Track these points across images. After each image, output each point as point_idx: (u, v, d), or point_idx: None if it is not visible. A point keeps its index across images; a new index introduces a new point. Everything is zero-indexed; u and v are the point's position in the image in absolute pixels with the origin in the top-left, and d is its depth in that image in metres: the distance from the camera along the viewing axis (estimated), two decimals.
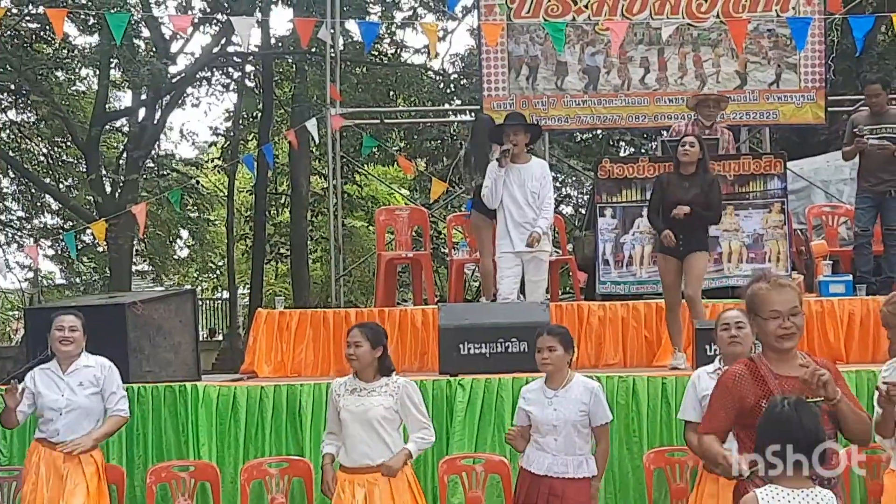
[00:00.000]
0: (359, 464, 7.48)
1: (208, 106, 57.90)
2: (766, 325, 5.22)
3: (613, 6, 15.16)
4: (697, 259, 10.31)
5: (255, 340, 11.59)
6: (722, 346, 7.36)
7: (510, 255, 11.28)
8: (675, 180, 10.43)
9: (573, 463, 7.33)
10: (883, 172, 12.33)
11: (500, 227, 11.42)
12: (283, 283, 35.94)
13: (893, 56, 22.15)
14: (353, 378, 7.66)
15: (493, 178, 11.29)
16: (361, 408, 7.47)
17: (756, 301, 5.29)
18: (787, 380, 5.19)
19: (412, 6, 29.66)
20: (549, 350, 7.43)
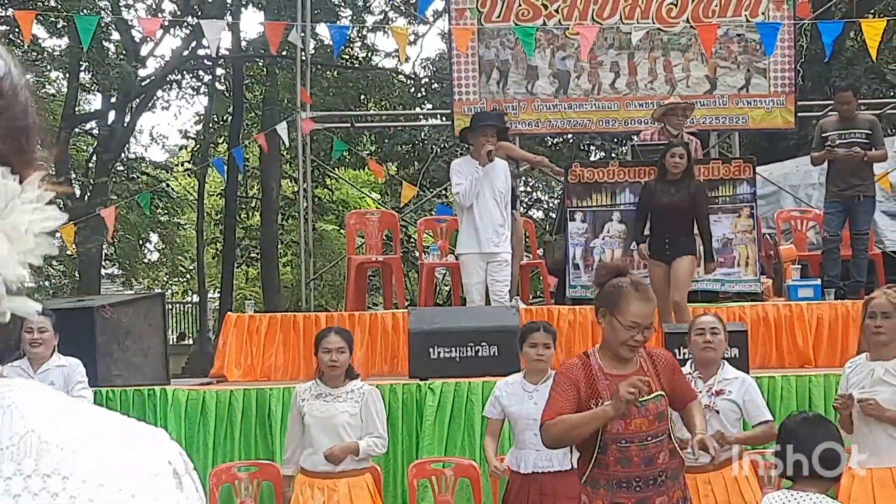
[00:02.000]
0: (319, 469, 7.49)
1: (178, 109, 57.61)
2: (620, 330, 5.28)
3: (584, 11, 15.17)
4: (683, 264, 10.35)
5: (225, 344, 11.55)
6: (695, 351, 7.40)
7: (474, 257, 11.25)
8: (662, 186, 10.50)
9: (557, 455, 7.31)
10: (851, 177, 12.39)
11: (468, 226, 11.38)
12: (254, 287, 35.89)
13: (862, 61, 22.25)
14: (318, 383, 7.65)
15: (472, 177, 11.21)
16: (326, 413, 7.46)
17: (619, 301, 5.32)
18: (616, 379, 5.27)
19: (383, 10, 29.71)
20: (544, 347, 7.43)
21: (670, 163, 10.41)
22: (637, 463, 5.23)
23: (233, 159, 20.48)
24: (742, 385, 7.26)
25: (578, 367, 5.36)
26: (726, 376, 7.30)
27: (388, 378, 10.52)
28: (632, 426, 5.23)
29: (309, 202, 17.37)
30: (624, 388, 5.05)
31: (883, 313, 6.69)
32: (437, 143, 26.90)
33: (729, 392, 7.18)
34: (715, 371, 7.29)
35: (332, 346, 7.54)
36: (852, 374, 6.85)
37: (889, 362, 6.72)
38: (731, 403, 7.13)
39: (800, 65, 15.80)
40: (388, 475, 9.19)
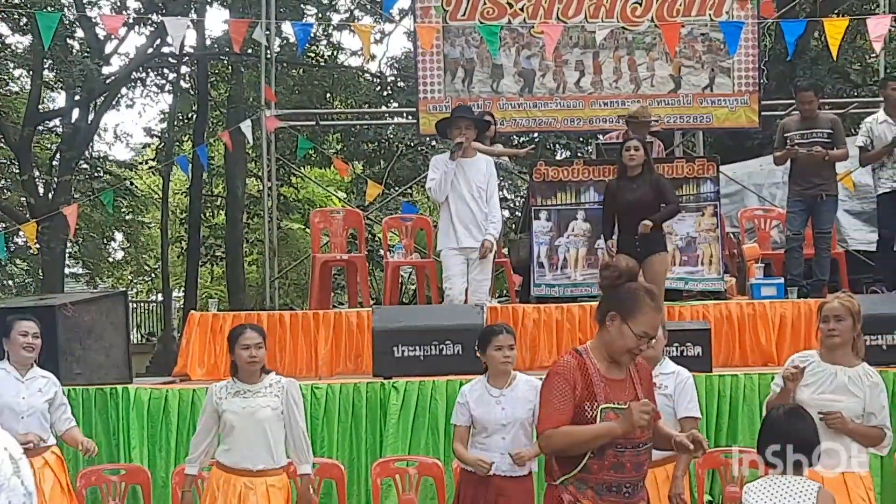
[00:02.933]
0: (239, 466, 7.46)
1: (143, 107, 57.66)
2: (630, 337, 5.23)
3: (549, 9, 15.19)
4: (658, 262, 10.35)
5: (188, 343, 11.50)
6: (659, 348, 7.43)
7: (454, 251, 11.19)
8: (623, 184, 10.50)
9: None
10: (814, 176, 12.44)
11: (444, 222, 11.33)
12: (219, 286, 35.78)
13: (826, 61, 22.36)
14: (233, 381, 7.61)
15: (444, 170, 11.13)
16: (248, 409, 7.43)
17: (634, 308, 5.27)
18: (610, 383, 5.29)
19: (349, 8, 29.67)
20: (509, 349, 7.41)
21: (626, 157, 10.42)
22: (629, 469, 5.26)
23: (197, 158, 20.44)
24: (677, 378, 7.31)
25: (574, 367, 5.29)
26: (664, 371, 7.34)
27: (353, 377, 10.52)
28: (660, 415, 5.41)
29: (274, 201, 17.34)
30: (638, 413, 5.09)
31: (836, 317, 6.80)
32: (403, 141, 26.90)
33: (665, 386, 7.21)
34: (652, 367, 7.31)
35: (251, 342, 7.52)
36: (807, 371, 6.87)
37: (852, 370, 6.78)
38: (665, 398, 7.14)
39: (764, 64, 15.86)
40: (351, 474, 9.19)
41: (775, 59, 21.14)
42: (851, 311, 6.80)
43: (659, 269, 10.34)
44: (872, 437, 6.78)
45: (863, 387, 6.74)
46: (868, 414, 6.73)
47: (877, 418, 6.75)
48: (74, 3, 25.37)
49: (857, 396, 6.72)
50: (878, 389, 6.79)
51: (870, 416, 6.73)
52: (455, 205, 11.15)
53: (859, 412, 6.72)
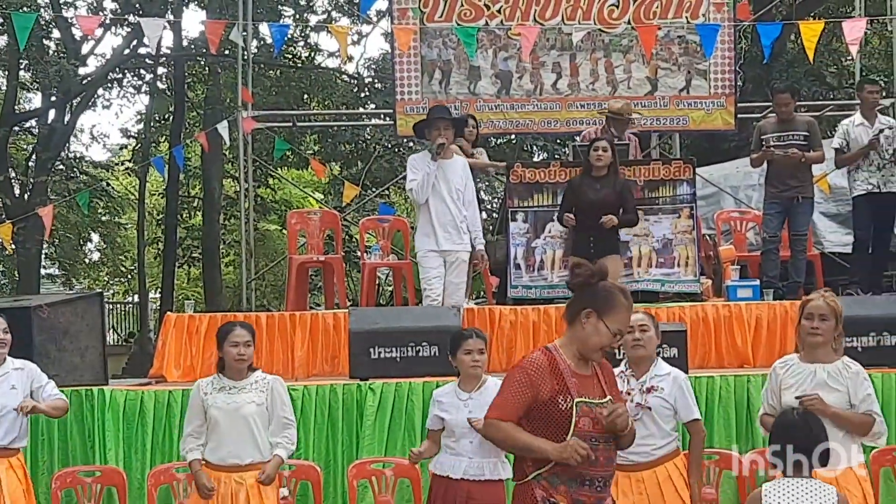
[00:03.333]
0: (226, 462, 7.47)
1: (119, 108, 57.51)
2: (605, 334, 5.33)
3: (526, 11, 15.21)
4: (611, 264, 10.30)
5: (164, 345, 11.45)
6: (626, 349, 7.42)
7: (434, 253, 11.17)
8: (587, 182, 10.47)
9: (489, 465, 7.29)
10: (790, 178, 12.47)
11: (424, 224, 11.30)
12: (196, 287, 35.72)
13: (802, 64, 22.44)
14: (219, 377, 7.63)
15: (426, 171, 11.05)
16: (234, 405, 7.45)
17: (610, 307, 5.38)
18: (580, 378, 5.35)
19: (326, 9, 29.66)
20: (479, 353, 7.41)
21: (593, 157, 10.41)
22: (602, 462, 5.30)
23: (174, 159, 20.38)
24: (675, 382, 7.30)
25: (543, 364, 5.32)
26: (658, 373, 7.31)
27: (329, 378, 10.49)
28: (598, 426, 5.30)
29: (250, 202, 17.32)
30: (571, 451, 5.14)
31: (820, 315, 6.80)
32: (380, 142, 26.89)
33: (661, 389, 7.20)
34: (647, 368, 7.31)
35: (241, 339, 7.55)
36: (788, 374, 6.90)
37: (830, 365, 6.79)
38: (662, 401, 7.16)
39: (740, 66, 15.93)
40: (328, 475, 9.17)
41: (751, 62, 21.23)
42: (836, 312, 6.82)
43: (613, 272, 10.30)
44: (860, 424, 6.76)
45: (843, 380, 6.75)
46: (854, 406, 6.73)
47: (865, 405, 6.74)
48: (50, 4, 25.29)
49: (839, 390, 6.72)
50: (860, 378, 6.78)
51: (857, 407, 6.73)
52: (435, 206, 11.11)
53: (845, 406, 6.72)
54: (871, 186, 12.48)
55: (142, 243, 31.94)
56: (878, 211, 12.62)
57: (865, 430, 6.78)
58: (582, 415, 5.26)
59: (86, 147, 35.07)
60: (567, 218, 10.78)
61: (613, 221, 10.23)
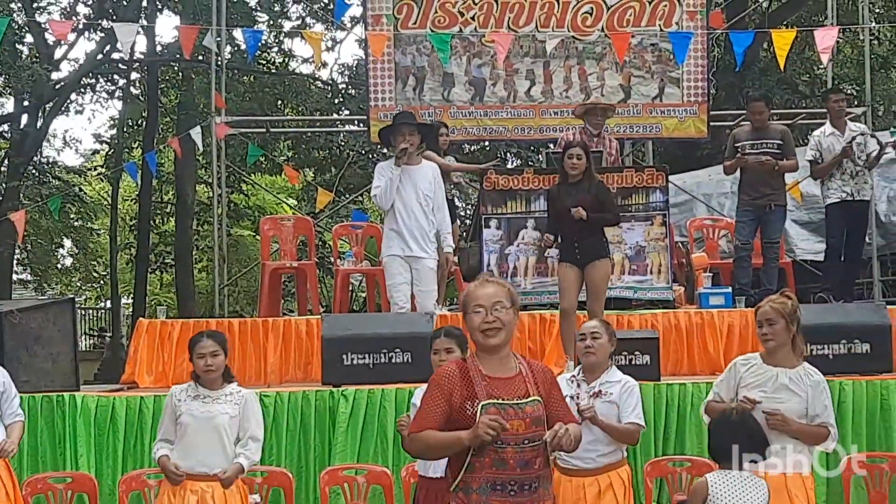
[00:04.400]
0: (195, 470, 7.45)
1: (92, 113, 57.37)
2: (471, 320, 5.25)
3: (500, 18, 15.23)
4: (599, 269, 10.24)
5: (136, 350, 11.44)
6: (580, 355, 7.51)
7: (399, 259, 11.17)
8: (564, 190, 10.45)
9: None
10: (763, 186, 12.53)
11: (390, 230, 11.30)
12: (168, 293, 35.63)
13: (775, 72, 22.53)
14: (194, 385, 7.62)
15: (389, 177, 11.08)
16: (207, 414, 7.45)
17: (465, 299, 5.35)
18: (495, 381, 5.22)
19: (300, 15, 29.63)
20: (446, 352, 7.39)
21: (568, 164, 10.37)
22: (513, 466, 5.12)
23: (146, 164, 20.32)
24: (624, 387, 7.35)
25: (454, 372, 5.28)
26: (610, 379, 7.39)
27: (302, 384, 10.48)
28: (509, 428, 5.11)
29: (223, 208, 17.28)
30: (484, 427, 5.02)
31: (768, 320, 6.88)
32: (354, 149, 26.88)
33: (609, 394, 7.27)
34: (599, 374, 7.38)
35: (206, 350, 7.52)
36: (749, 373, 6.95)
37: (792, 371, 6.83)
38: (610, 405, 7.24)
39: (712, 74, 15.99)
40: (300, 482, 9.16)
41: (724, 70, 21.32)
42: (783, 313, 6.85)
43: (598, 274, 10.27)
44: (818, 436, 6.83)
45: (804, 386, 6.80)
46: (812, 416, 6.78)
47: (821, 417, 6.80)
48: (23, 8, 25.19)
49: (799, 396, 6.77)
50: (820, 388, 6.83)
51: (814, 417, 6.78)
52: (401, 213, 11.11)
53: (802, 412, 6.77)
54: (844, 194, 12.57)
55: (114, 249, 31.82)
56: (851, 219, 12.70)
57: (820, 440, 6.88)
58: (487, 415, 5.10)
59: (58, 152, 35.01)
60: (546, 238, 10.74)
61: (581, 213, 10.19)
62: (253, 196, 31.78)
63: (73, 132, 70.15)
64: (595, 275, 10.26)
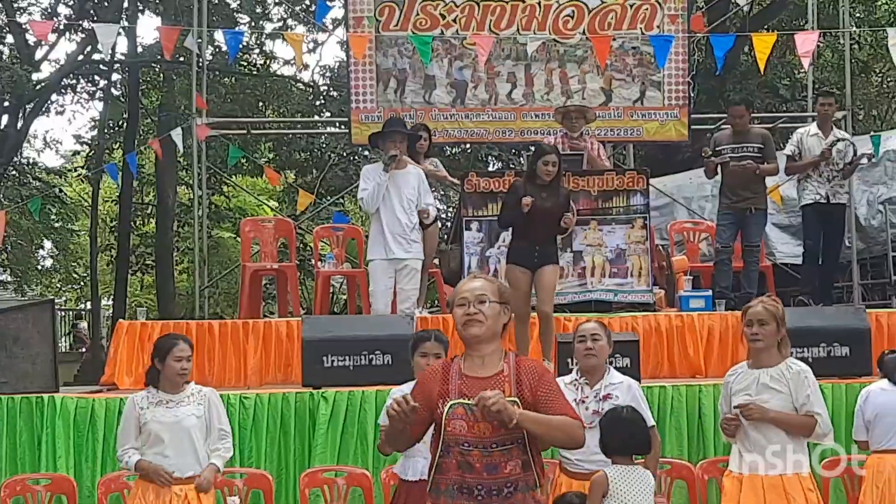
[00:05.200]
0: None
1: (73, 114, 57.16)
2: (455, 313, 5.19)
3: (481, 21, 15.23)
4: (550, 273, 10.27)
5: (116, 352, 11.41)
6: (578, 358, 7.49)
7: (384, 262, 11.19)
8: (532, 189, 10.38)
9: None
10: (744, 190, 12.58)
11: (375, 233, 11.33)
12: (149, 295, 35.55)
13: (755, 76, 22.60)
14: (154, 391, 7.58)
15: (377, 182, 11.13)
16: (174, 418, 7.43)
17: (453, 295, 5.36)
18: (470, 380, 5.11)
19: (282, 17, 29.62)
20: (434, 357, 7.38)
21: (542, 170, 10.32)
22: (479, 469, 4.99)
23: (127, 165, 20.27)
24: (629, 390, 7.36)
25: (437, 370, 5.26)
26: (612, 381, 7.40)
27: (282, 386, 10.48)
28: (475, 430, 5.00)
29: (204, 209, 17.24)
30: (389, 403, 5.05)
31: (759, 321, 6.88)
32: (335, 151, 26.86)
33: (616, 396, 7.27)
34: (601, 376, 7.38)
35: (184, 354, 7.52)
36: (736, 382, 6.99)
37: (773, 369, 6.85)
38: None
39: (693, 78, 16.00)
40: (279, 484, 9.15)
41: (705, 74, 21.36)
42: (775, 316, 6.88)
43: (551, 277, 10.27)
44: (802, 425, 6.81)
45: (785, 381, 6.80)
46: (799, 406, 6.79)
47: (806, 406, 6.78)
48: (4, 9, 25.12)
49: (782, 392, 6.77)
50: (802, 377, 6.81)
51: (802, 407, 6.79)
52: (386, 216, 11.20)
53: (788, 406, 6.77)
54: (818, 197, 12.63)
55: (94, 250, 31.73)
56: (826, 222, 12.75)
57: (808, 430, 6.83)
58: (454, 417, 5.05)
59: (39, 153, 35.02)
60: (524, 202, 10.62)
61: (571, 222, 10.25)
62: (234, 198, 31.75)
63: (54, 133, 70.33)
64: (546, 278, 10.26)
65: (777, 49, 17.88)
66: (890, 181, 17.26)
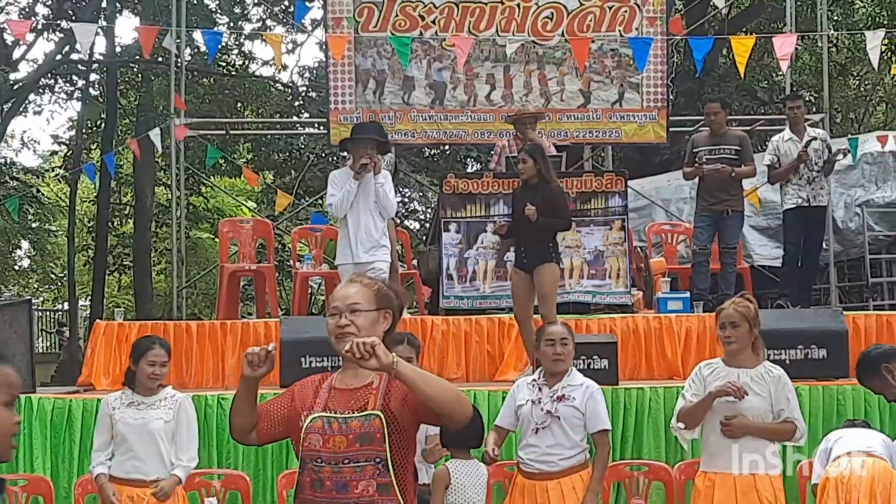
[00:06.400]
0: (132, 476, 7.47)
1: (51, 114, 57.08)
2: (328, 324, 4.76)
3: (460, 22, 15.23)
4: (544, 273, 10.22)
5: (93, 352, 11.38)
6: (545, 361, 7.47)
7: (350, 266, 11.17)
8: (519, 193, 10.47)
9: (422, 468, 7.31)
10: (721, 192, 12.60)
11: (343, 238, 11.31)
12: (126, 295, 35.47)
13: (734, 78, 22.66)
14: (129, 392, 7.62)
15: (346, 189, 11.07)
16: (141, 420, 7.45)
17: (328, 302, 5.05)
18: (339, 392, 4.69)
19: (261, 17, 29.59)
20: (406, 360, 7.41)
21: (519, 168, 10.43)
22: (329, 487, 4.55)
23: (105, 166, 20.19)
24: (587, 391, 7.36)
25: (315, 380, 4.86)
26: (572, 383, 7.40)
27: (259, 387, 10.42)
28: (329, 444, 4.57)
29: (182, 210, 17.20)
30: (246, 353, 4.68)
31: (731, 323, 6.94)
32: (314, 151, 26.84)
33: (572, 398, 7.27)
34: (561, 378, 7.39)
35: (158, 359, 7.54)
36: (713, 377, 7.01)
37: (753, 370, 6.89)
38: (573, 409, 7.24)
39: (672, 80, 16.02)
40: (257, 485, 9.14)
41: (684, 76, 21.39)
42: (747, 317, 6.91)
43: (544, 279, 10.21)
44: (784, 433, 6.91)
45: (766, 384, 6.85)
46: (778, 411, 6.83)
47: (785, 412, 6.85)
48: None
49: (762, 395, 6.82)
50: (782, 382, 6.89)
51: (779, 412, 6.84)
52: (353, 220, 11.14)
53: (767, 409, 6.82)
54: (800, 200, 12.64)
55: (72, 250, 31.63)
56: (807, 225, 12.77)
57: (788, 436, 6.96)
58: (311, 431, 4.62)
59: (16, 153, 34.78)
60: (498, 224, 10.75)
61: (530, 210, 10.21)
62: (212, 198, 31.72)
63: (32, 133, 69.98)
64: (541, 279, 10.24)
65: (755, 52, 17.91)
66: (867, 184, 17.37)
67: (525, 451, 7.37)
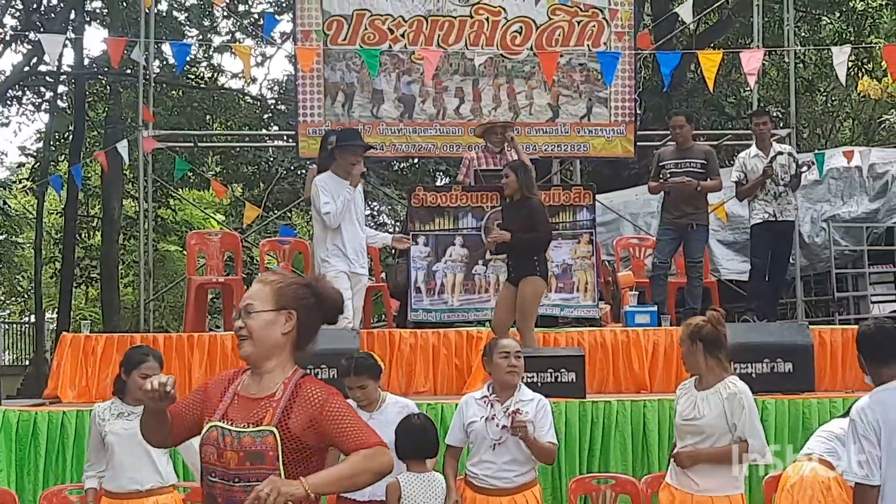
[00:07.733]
0: (126, 489, 7.39)
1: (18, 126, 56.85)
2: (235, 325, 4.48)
3: (430, 36, 15.25)
4: (525, 286, 10.27)
5: (60, 365, 11.31)
6: (498, 374, 7.48)
7: (345, 275, 11.13)
8: (505, 210, 10.58)
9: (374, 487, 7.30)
10: (686, 206, 12.64)
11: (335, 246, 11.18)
12: (94, 308, 35.27)
13: (701, 93, 22.79)
14: (118, 402, 7.56)
15: (344, 198, 11.02)
16: (131, 431, 7.36)
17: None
18: (241, 400, 4.42)
19: (230, 30, 29.57)
20: (359, 389, 7.42)
21: (502, 184, 10.50)
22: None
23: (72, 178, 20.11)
24: (538, 405, 7.39)
25: (223, 378, 4.59)
26: (523, 398, 7.43)
27: None
28: (223, 458, 4.31)
29: (150, 222, 17.13)
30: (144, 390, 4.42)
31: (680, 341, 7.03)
32: (283, 164, 26.81)
33: (526, 413, 7.29)
34: (512, 393, 7.41)
35: (151, 372, 7.40)
36: (681, 400, 7.04)
37: (711, 389, 6.89)
38: (529, 424, 7.23)
39: (640, 95, 16.08)
40: None
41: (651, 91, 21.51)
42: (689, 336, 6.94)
43: (525, 291, 10.28)
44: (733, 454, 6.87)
45: (720, 401, 6.84)
46: (731, 427, 6.83)
47: (738, 429, 6.84)
48: None
49: (717, 411, 6.82)
50: (737, 399, 6.83)
51: (733, 427, 6.83)
52: (347, 230, 11.12)
53: (724, 426, 6.82)
54: (767, 215, 12.69)
55: (39, 262, 31.45)
56: (774, 239, 12.82)
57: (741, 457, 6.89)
58: (207, 441, 4.38)
59: None
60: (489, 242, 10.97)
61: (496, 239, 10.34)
62: (180, 211, 31.58)
63: None
64: (521, 291, 10.29)
65: (723, 67, 18.01)
66: (833, 199, 17.47)
67: (479, 466, 7.37)
